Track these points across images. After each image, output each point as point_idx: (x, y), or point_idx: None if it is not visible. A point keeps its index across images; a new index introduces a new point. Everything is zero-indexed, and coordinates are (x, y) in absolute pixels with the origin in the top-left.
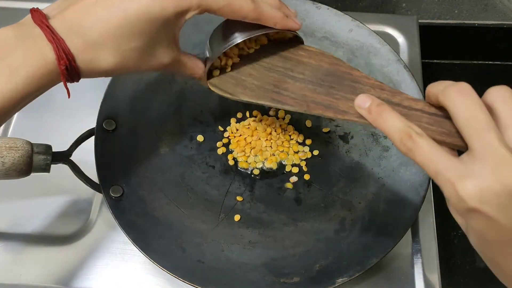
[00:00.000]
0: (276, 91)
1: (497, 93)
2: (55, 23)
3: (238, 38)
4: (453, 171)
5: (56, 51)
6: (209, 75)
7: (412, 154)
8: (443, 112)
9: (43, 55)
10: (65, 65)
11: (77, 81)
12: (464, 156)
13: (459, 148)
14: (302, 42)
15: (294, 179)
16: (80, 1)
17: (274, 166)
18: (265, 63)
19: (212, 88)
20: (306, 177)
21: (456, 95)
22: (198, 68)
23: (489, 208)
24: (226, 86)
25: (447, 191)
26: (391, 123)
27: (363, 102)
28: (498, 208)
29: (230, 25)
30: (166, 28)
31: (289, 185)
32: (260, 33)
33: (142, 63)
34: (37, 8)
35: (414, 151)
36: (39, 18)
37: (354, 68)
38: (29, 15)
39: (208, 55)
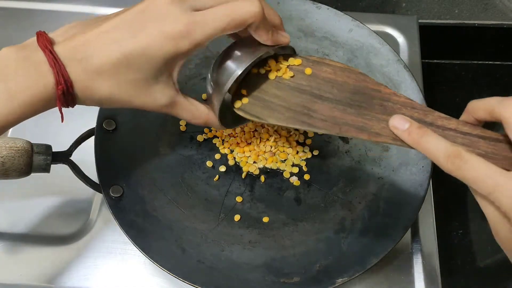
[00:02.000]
0: (305, 113)
1: None
2: (58, 49)
3: (238, 69)
4: None
5: (56, 77)
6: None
7: (462, 172)
8: (477, 131)
9: (43, 81)
10: (62, 90)
11: (72, 106)
12: None
13: None
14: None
15: (294, 179)
16: (84, 33)
17: (274, 166)
18: (290, 81)
19: (239, 112)
20: (306, 177)
21: None
22: (198, 112)
23: None
24: (253, 110)
25: (507, 205)
26: (435, 144)
27: (400, 124)
28: None
29: (226, 57)
30: (164, 67)
31: (296, 182)
32: (257, 57)
33: (136, 97)
34: (43, 32)
35: (465, 169)
36: (44, 42)
37: (381, 84)
38: (35, 38)
39: (210, 91)
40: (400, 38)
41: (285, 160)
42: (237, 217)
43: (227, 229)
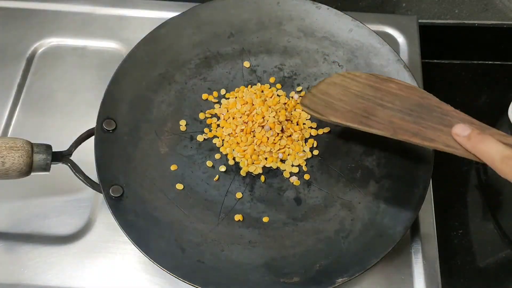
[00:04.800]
0: (364, 116)
1: None
2: None
3: None
4: None
5: None
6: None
7: None
8: None
9: None
10: None
11: None
12: None
13: None
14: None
15: (294, 179)
16: None
17: (274, 165)
18: (356, 91)
19: (303, 108)
20: (306, 177)
21: None
22: None
23: None
24: (316, 107)
25: None
26: (492, 147)
27: (462, 131)
28: None
29: None
30: None
31: (296, 182)
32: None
33: None
34: None
35: None
36: None
37: (444, 103)
38: None
39: None
40: (400, 38)
41: (285, 160)
42: (237, 217)
43: (227, 229)
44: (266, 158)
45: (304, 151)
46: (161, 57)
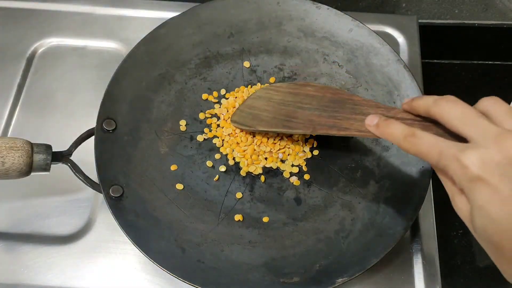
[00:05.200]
0: (287, 120)
1: (488, 100)
2: None
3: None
4: (456, 147)
5: None
6: None
7: (416, 147)
8: (428, 120)
9: None
10: None
11: None
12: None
13: None
14: None
15: (294, 179)
16: None
17: (274, 166)
18: (278, 99)
19: (233, 124)
20: (306, 177)
21: (448, 104)
22: None
23: (491, 177)
24: (245, 121)
25: (452, 167)
26: (396, 129)
27: (371, 121)
28: (500, 177)
29: None
30: None
31: (296, 182)
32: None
33: None
34: None
35: (418, 143)
36: None
37: (355, 95)
38: None
39: None
40: (400, 38)
41: (285, 160)
42: (237, 217)
43: (227, 229)
44: (266, 158)
45: (304, 151)
46: (161, 57)
